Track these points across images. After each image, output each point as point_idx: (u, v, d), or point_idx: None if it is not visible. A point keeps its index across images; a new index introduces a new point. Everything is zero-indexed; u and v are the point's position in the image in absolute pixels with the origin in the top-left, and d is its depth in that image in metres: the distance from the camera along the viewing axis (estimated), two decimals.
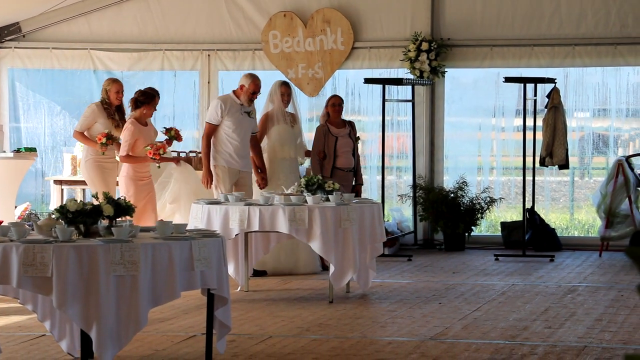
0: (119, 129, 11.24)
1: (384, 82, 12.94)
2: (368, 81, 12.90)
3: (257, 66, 13.85)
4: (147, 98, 10.79)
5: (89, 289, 6.23)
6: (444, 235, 13.33)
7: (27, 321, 8.43)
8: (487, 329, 8.21)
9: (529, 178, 12.67)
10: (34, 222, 6.83)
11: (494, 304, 9.36)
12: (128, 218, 7.17)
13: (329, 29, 13.74)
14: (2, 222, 9.15)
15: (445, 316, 8.73)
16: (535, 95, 12.73)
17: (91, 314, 6.22)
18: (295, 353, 7.35)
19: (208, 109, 14.04)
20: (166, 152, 10.80)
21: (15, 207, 12.98)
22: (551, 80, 12.70)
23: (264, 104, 11.33)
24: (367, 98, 13.83)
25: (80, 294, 6.23)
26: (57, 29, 14.26)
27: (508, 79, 12.50)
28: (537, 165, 12.76)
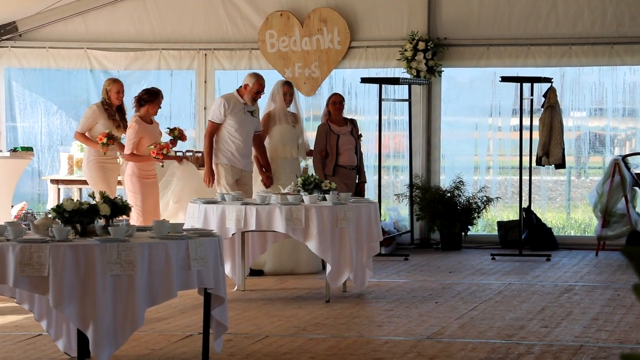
0: (120, 130, 11.25)
1: (380, 81, 12.94)
2: (365, 80, 12.90)
3: (253, 65, 13.85)
4: (151, 96, 10.81)
5: (85, 289, 6.23)
6: (441, 234, 13.33)
7: (23, 320, 8.42)
8: (483, 328, 8.21)
9: (525, 177, 12.68)
10: (30, 221, 6.83)
11: (490, 303, 9.37)
12: (124, 217, 7.16)
13: (325, 28, 13.74)
14: None
15: (442, 315, 8.74)
16: (532, 94, 12.73)
17: (88, 314, 6.22)
18: (292, 352, 7.35)
19: (209, 107, 14.16)
20: (170, 152, 10.80)
21: (12, 207, 12.97)
22: (548, 80, 12.71)
23: (266, 104, 11.31)
24: (364, 97, 13.83)
25: (76, 293, 6.23)
26: (54, 28, 14.25)
27: (505, 79, 12.50)
28: (533, 164, 12.77)
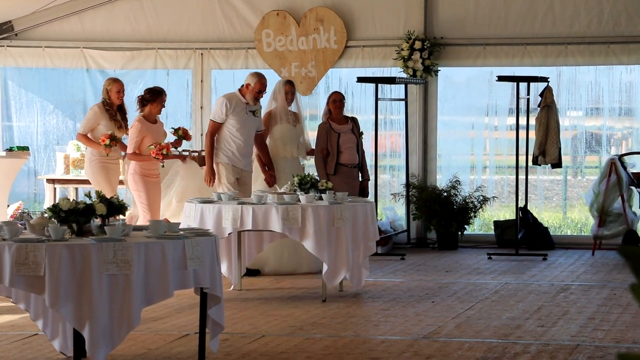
0: (122, 130, 11.26)
1: (377, 80, 12.93)
2: (361, 80, 12.89)
3: (250, 65, 13.84)
4: (153, 95, 10.82)
5: (81, 288, 6.22)
6: (437, 234, 13.33)
7: (19, 320, 8.41)
8: (480, 327, 8.21)
9: (521, 177, 12.68)
10: (26, 221, 6.82)
11: (487, 302, 9.37)
12: (120, 216, 7.15)
13: (322, 27, 13.74)
14: None
15: (438, 315, 8.74)
16: (528, 94, 12.73)
17: (84, 313, 6.21)
18: (288, 352, 7.35)
19: (205, 106, 14.16)
20: (170, 152, 10.79)
21: (8, 206, 12.96)
22: (544, 79, 12.71)
23: (267, 102, 11.28)
24: (360, 97, 13.83)
25: (72, 293, 6.22)
26: (50, 28, 14.24)
27: (501, 78, 12.50)
28: (530, 164, 12.77)
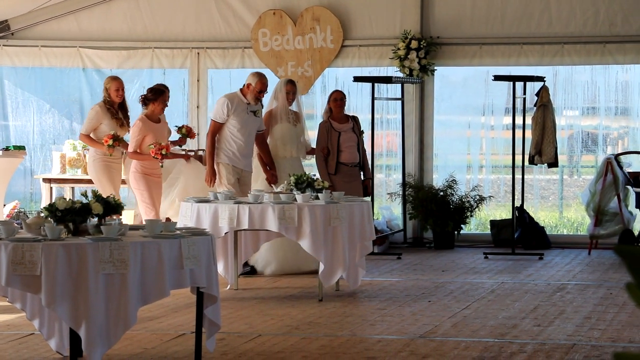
0: (124, 128, 11.26)
1: (373, 80, 12.93)
2: (357, 79, 12.89)
3: (246, 64, 13.84)
4: (155, 94, 10.83)
5: (78, 288, 6.22)
6: (434, 233, 13.33)
7: (15, 320, 8.41)
8: (476, 327, 8.22)
9: (518, 176, 12.68)
10: (22, 220, 6.82)
11: (483, 302, 9.37)
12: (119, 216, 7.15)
13: (318, 27, 13.74)
14: None
15: (435, 314, 8.74)
16: (525, 93, 12.74)
17: (80, 313, 6.21)
18: (285, 351, 7.35)
19: (201, 106, 14.15)
20: (169, 152, 10.79)
21: (4, 206, 12.95)
22: (540, 79, 12.71)
23: (267, 102, 11.26)
24: (357, 96, 13.82)
25: (69, 292, 6.22)
26: (46, 27, 14.23)
27: (497, 77, 12.50)
28: (526, 163, 12.78)
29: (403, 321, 8.45)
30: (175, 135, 11.40)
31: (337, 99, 11.55)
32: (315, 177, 9.88)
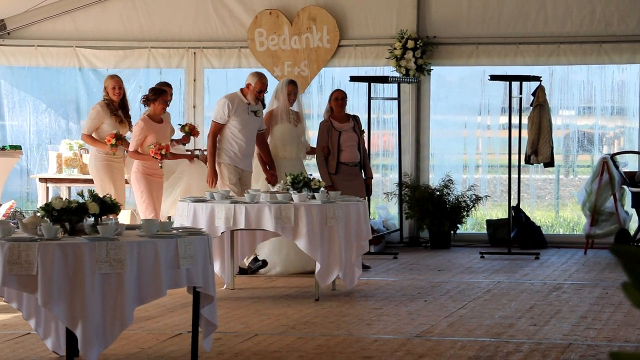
0: (124, 125, 11.25)
1: (369, 80, 12.93)
2: (354, 79, 12.90)
3: (242, 64, 13.84)
4: (155, 94, 10.83)
5: (74, 287, 6.21)
6: (430, 233, 13.34)
7: (12, 319, 8.40)
8: (472, 326, 8.22)
9: (514, 176, 12.69)
10: (19, 220, 6.82)
11: (479, 301, 9.38)
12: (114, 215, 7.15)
13: (314, 26, 13.74)
14: None
15: (431, 314, 8.74)
16: (521, 93, 12.75)
17: (76, 312, 6.21)
18: (281, 351, 7.35)
19: (198, 106, 14.15)
20: (169, 152, 10.78)
21: (0, 205, 12.94)
22: (536, 79, 12.73)
23: (269, 102, 11.25)
24: (353, 96, 13.81)
25: (65, 292, 6.22)
26: (42, 27, 14.22)
27: (494, 77, 12.51)
28: (522, 163, 12.79)
29: (399, 321, 8.46)
30: (178, 134, 11.39)
31: (338, 98, 11.52)
32: (312, 177, 9.88)
